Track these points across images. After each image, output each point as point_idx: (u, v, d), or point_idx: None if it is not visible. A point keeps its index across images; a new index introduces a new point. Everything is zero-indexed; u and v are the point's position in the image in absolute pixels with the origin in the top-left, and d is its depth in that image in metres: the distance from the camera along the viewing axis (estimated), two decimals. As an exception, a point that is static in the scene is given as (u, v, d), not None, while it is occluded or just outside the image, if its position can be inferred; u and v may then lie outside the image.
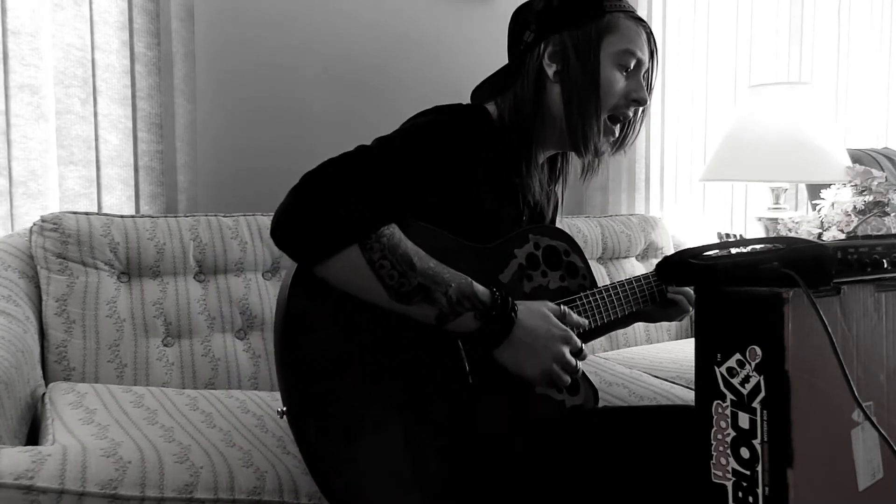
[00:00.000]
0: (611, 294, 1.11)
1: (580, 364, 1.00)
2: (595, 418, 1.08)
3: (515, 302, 0.97)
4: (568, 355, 0.98)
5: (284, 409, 0.91)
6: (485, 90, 1.15)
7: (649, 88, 1.11)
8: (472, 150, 1.01)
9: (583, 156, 1.10)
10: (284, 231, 0.88)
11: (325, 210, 0.87)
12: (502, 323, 0.95)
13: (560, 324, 0.99)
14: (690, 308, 1.18)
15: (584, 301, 1.08)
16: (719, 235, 1.29)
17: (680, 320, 1.21)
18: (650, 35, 1.09)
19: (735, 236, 1.30)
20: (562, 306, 1.02)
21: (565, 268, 1.11)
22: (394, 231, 0.91)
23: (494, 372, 0.98)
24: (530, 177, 1.10)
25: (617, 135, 1.11)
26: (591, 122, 1.05)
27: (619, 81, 1.06)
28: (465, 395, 0.97)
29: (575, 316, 1.02)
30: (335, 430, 0.89)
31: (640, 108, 1.11)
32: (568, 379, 0.99)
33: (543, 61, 1.07)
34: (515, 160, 1.09)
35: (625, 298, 1.12)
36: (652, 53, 1.09)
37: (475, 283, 0.95)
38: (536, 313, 0.98)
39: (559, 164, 1.22)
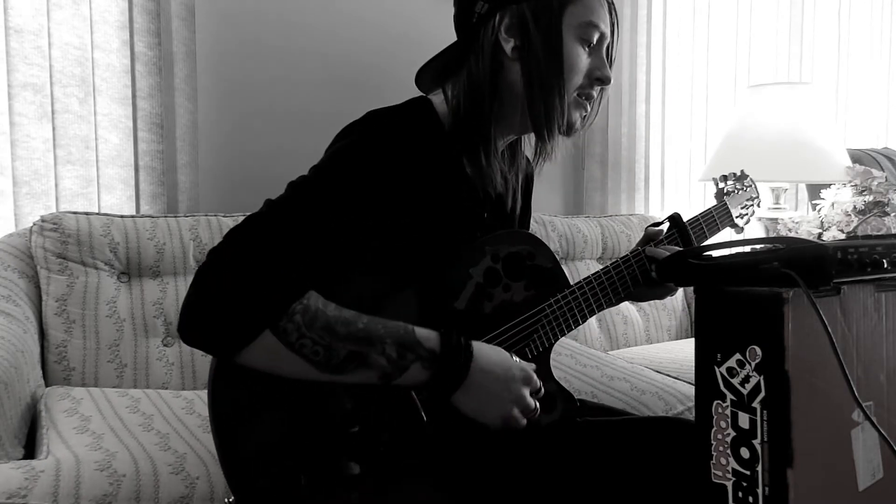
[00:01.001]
0: (585, 292, 1.02)
1: (538, 407, 0.92)
2: (580, 433, 1.04)
3: (470, 342, 0.88)
4: (528, 397, 0.90)
5: (232, 499, 0.84)
6: (429, 74, 1.03)
7: (611, 64, 1.00)
8: (406, 160, 0.90)
9: (545, 141, 0.97)
10: (190, 328, 0.79)
11: (227, 299, 0.78)
12: (455, 368, 0.86)
13: (520, 362, 0.91)
14: (676, 288, 1.11)
15: (555, 307, 1.00)
16: (715, 181, 1.26)
17: (672, 295, 1.15)
18: (612, 6, 0.98)
19: (736, 174, 1.28)
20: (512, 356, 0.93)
21: (530, 274, 1.00)
22: (308, 304, 0.81)
23: (453, 412, 0.91)
24: (490, 166, 0.98)
25: (588, 109, 1.00)
26: (553, 103, 0.94)
27: (582, 57, 0.95)
28: (425, 434, 0.90)
29: (534, 376, 0.93)
30: None
31: (602, 88, 1.00)
32: (524, 422, 0.91)
33: (500, 35, 0.94)
34: (471, 151, 0.97)
35: (601, 292, 1.03)
36: (613, 26, 0.98)
37: (418, 330, 0.86)
38: (494, 353, 0.90)
39: (520, 149, 1.10)
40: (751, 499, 0.78)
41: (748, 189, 1.27)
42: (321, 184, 0.86)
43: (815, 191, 2.17)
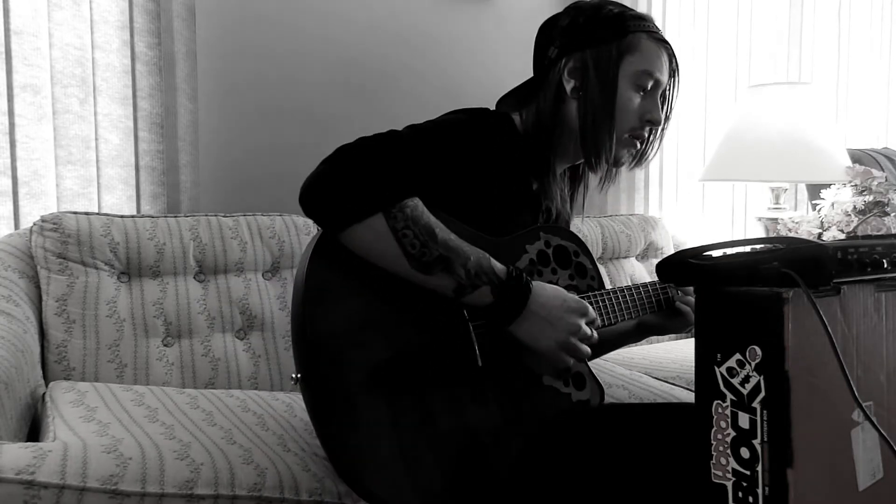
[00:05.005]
0: (618, 297, 1.12)
1: (595, 335, 1.03)
2: (599, 415, 1.09)
3: (531, 280, 1.00)
4: (584, 326, 1.01)
5: (298, 375, 0.94)
6: (510, 101, 1.18)
7: (669, 108, 1.14)
8: (493, 153, 1.05)
9: (594, 171, 1.13)
10: (313, 197, 0.92)
11: (353, 179, 0.92)
12: (517, 296, 0.97)
13: (575, 297, 1.02)
14: (693, 321, 1.19)
15: (593, 300, 1.10)
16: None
17: (688, 332, 1.22)
18: (672, 56, 1.11)
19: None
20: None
21: (574, 268, 1.13)
22: (417, 203, 0.95)
23: (503, 357, 1.01)
24: (549, 185, 1.14)
25: (638, 147, 1.14)
26: (603, 140, 1.08)
27: (635, 102, 1.09)
28: (473, 378, 1.00)
29: (590, 307, 1.04)
30: (346, 401, 0.92)
31: (658, 128, 1.14)
32: (587, 349, 1.01)
33: (563, 76, 1.09)
34: (537, 169, 1.13)
35: (632, 302, 1.13)
36: (672, 73, 1.12)
37: (493, 259, 0.98)
38: (550, 288, 1.01)
39: (580, 172, 1.26)
40: (751, 499, 0.79)
41: None
42: (434, 134, 1.01)
43: (815, 191, 2.17)
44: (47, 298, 1.37)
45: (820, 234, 1.81)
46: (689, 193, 2.48)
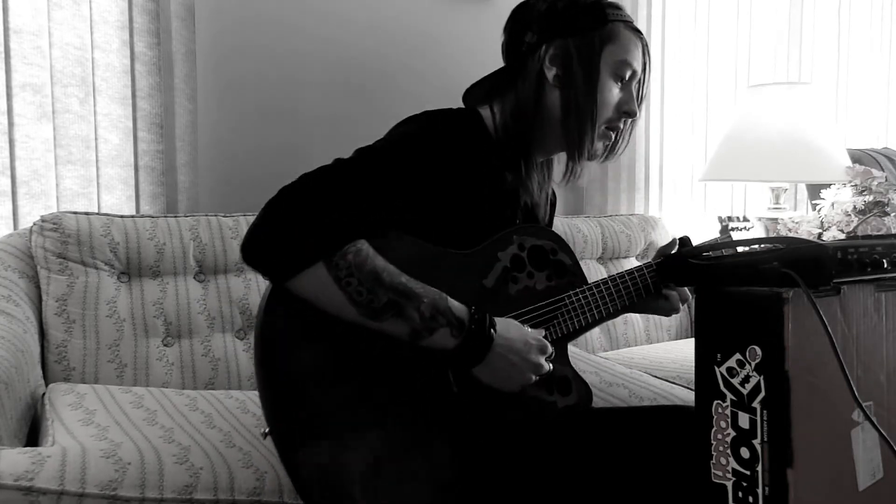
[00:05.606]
0: (601, 290, 1.09)
1: (551, 366, 1.00)
2: (590, 419, 1.07)
3: (494, 319, 0.96)
4: (544, 363, 0.98)
5: (267, 430, 0.90)
6: (478, 93, 1.13)
7: (640, 99, 1.11)
8: (458, 157, 1.00)
9: (575, 161, 1.08)
10: (253, 248, 0.88)
11: (292, 227, 0.87)
12: (480, 340, 0.94)
13: (533, 332, 0.99)
14: (679, 308, 1.16)
15: (574, 299, 1.07)
16: (720, 219, 1.28)
17: (667, 315, 1.19)
18: (645, 47, 1.09)
19: (737, 219, 1.29)
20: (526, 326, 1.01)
21: (552, 267, 1.08)
22: (361, 247, 0.90)
23: (478, 379, 0.98)
24: (529, 178, 1.09)
25: (612, 139, 1.10)
26: (586, 129, 1.05)
27: (614, 92, 1.06)
28: (450, 404, 0.96)
29: (548, 344, 1.01)
30: (321, 449, 0.88)
31: (630, 120, 1.10)
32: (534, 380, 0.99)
33: (544, 64, 1.05)
34: (513, 162, 1.08)
35: (617, 293, 1.10)
36: (645, 65, 1.09)
37: (450, 300, 0.93)
38: (514, 327, 0.97)
39: (551, 168, 1.21)
40: (751, 499, 0.79)
41: (751, 231, 1.29)
42: (384, 155, 0.95)
43: (815, 191, 2.17)
44: (47, 298, 1.37)
45: (820, 234, 1.81)
46: (689, 193, 2.48)
